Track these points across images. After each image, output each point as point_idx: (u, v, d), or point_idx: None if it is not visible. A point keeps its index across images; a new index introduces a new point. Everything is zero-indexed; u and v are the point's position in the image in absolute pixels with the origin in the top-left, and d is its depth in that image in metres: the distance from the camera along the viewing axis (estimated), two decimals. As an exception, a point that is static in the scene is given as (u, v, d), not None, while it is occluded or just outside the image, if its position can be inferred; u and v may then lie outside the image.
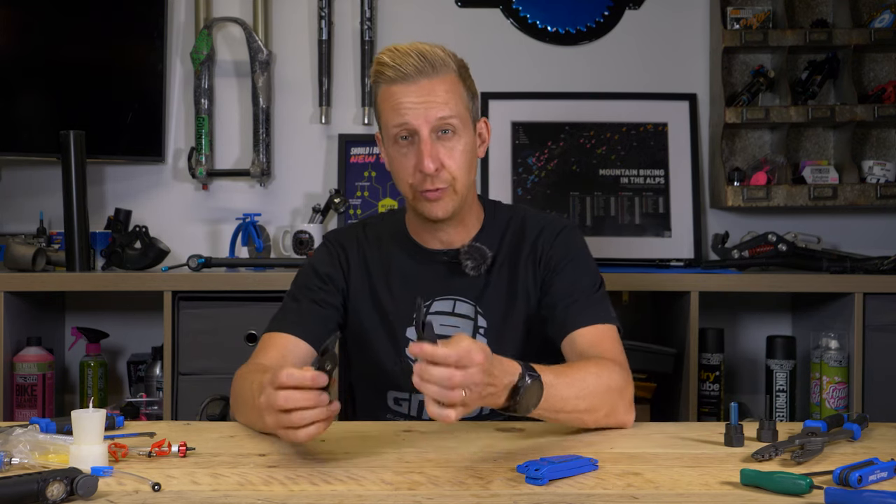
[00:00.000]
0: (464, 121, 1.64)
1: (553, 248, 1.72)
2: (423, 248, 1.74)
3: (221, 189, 3.02)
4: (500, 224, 1.76)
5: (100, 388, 2.76)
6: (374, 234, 1.78)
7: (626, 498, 1.13)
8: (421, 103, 1.59)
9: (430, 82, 1.60)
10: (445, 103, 1.60)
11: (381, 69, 1.61)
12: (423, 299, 1.67)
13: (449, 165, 1.62)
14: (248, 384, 1.49)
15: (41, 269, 2.61)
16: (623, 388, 1.51)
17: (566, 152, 2.98)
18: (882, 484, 1.16)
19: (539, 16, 3.04)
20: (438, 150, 1.61)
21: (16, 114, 2.82)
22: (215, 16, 2.99)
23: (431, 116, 1.59)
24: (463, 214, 1.71)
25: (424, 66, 1.59)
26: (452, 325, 1.69)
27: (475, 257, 1.70)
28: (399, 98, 1.60)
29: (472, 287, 1.71)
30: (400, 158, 1.64)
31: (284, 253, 2.85)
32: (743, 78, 3.01)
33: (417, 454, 1.32)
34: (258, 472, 1.24)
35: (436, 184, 1.62)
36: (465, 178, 1.65)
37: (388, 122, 1.63)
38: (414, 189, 1.64)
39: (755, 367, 2.89)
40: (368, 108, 2.97)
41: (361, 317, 1.74)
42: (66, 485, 1.09)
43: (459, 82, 1.64)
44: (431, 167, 1.59)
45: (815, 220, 2.98)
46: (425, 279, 1.72)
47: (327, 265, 1.75)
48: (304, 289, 1.73)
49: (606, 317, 1.65)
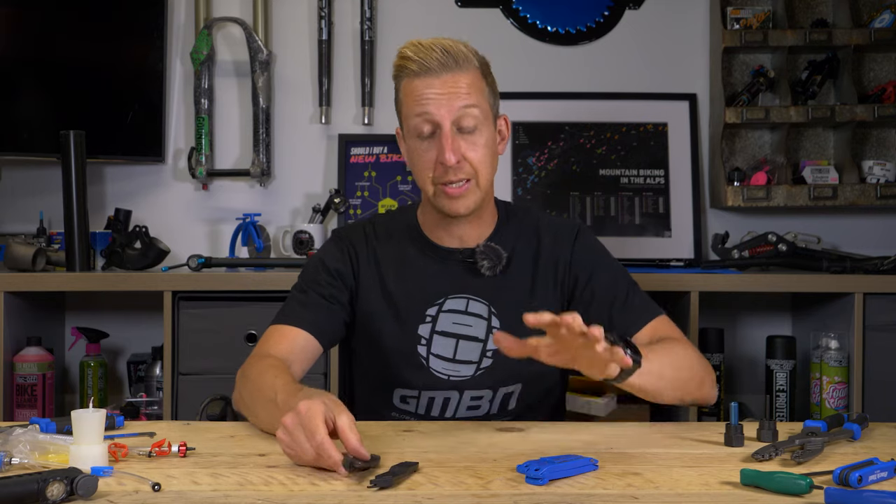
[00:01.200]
0: (486, 115, 1.63)
1: (575, 252, 1.74)
2: (437, 246, 1.73)
3: (221, 189, 3.02)
4: (513, 224, 1.76)
5: (100, 388, 2.76)
6: (385, 230, 1.76)
7: (626, 498, 1.13)
8: (444, 95, 1.59)
9: (452, 76, 1.60)
10: (468, 94, 1.60)
11: (404, 63, 1.61)
12: (436, 297, 1.70)
13: (471, 158, 1.61)
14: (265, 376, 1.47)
15: (41, 269, 2.61)
16: (703, 361, 1.63)
17: (566, 152, 2.98)
18: (882, 484, 1.16)
19: (539, 16, 3.04)
20: (460, 144, 1.60)
21: (16, 114, 2.82)
22: (215, 16, 2.99)
23: (454, 107, 1.59)
24: (481, 211, 1.70)
25: (448, 59, 1.59)
26: (465, 324, 1.69)
27: (491, 257, 1.69)
28: (421, 90, 1.60)
29: (486, 287, 1.70)
30: (420, 153, 1.63)
31: (284, 253, 2.85)
32: (743, 78, 3.01)
33: (417, 454, 1.32)
34: (258, 472, 1.24)
35: (458, 175, 1.61)
36: (487, 173, 1.65)
37: (410, 112, 1.62)
38: (435, 183, 1.63)
39: (755, 367, 2.89)
40: (368, 108, 2.97)
41: (372, 312, 1.71)
42: (66, 485, 1.09)
43: (482, 78, 1.64)
44: (453, 159, 1.59)
45: (815, 220, 2.98)
46: (438, 276, 1.71)
47: (337, 260, 1.73)
48: (312, 282, 1.71)
49: (655, 309, 1.71)
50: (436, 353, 1.68)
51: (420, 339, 1.69)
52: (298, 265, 2.60)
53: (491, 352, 1.68)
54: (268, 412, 1.42)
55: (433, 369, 1.68)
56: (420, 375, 1.69)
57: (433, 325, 1.69)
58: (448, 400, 1.68)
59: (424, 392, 1.69)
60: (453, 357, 1.68)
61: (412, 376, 1.69)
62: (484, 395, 1.69)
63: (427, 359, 1.68)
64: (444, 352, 1.68)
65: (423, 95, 1.60)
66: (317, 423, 1.21)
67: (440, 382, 1.68)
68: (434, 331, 1.69)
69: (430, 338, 1.68)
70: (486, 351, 1.68)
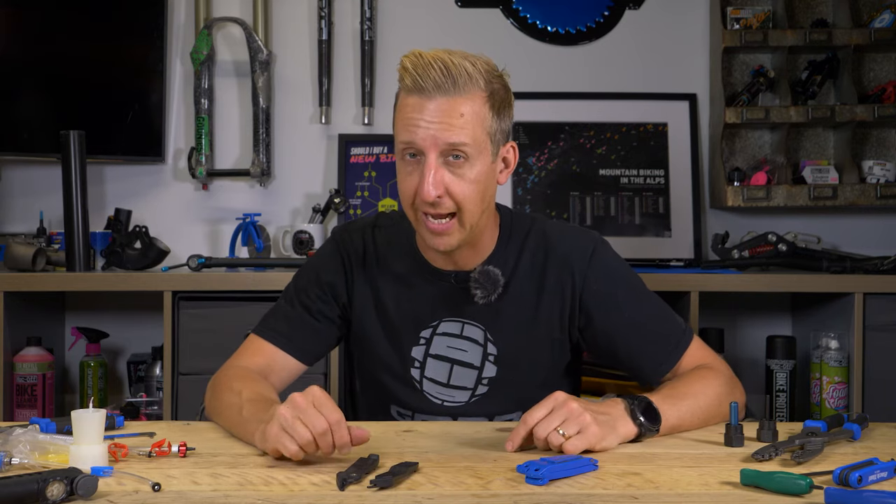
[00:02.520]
0: (481, 147, 1.47)
1: (588, 281, 1.59)
2: (432, 267, 1.61)
3: (221, 189, 3.02)
4: (516, 242, 1.62)
5: (100, 388, 2.76)
6: (385, 237, 1.66)
7: (626, 498, 1.13)
8: (433, 123, 1.44)
9: (448, 101, 1.44)
10: (461, 128, 1.44)
11: (401, 73, 1.47)
12: (430, 318, 1.61)
13: (455, 193, 1.46)
14: (230, 394, 1.47)
15: (41, 269, 2.61)
16: (731, 390, 1.55)
17: (566, 152, 2.98)
18: (882, 484, 1.16)
19: (539, 16, 3.04)
20: (443, 176, 1.46)
21: (16, 114, 2.83)
22: (215, 16, 2.99)
23: (441, 140, 1.44)
24: (473, 240, 1.56)
25: (445, 82, 1.43)
26: (460, 349, 1.61)
27: (486, 287, 1.56)
28: (411, 113, 1.45)
29: (484, 312, 1.59)
30: (405, 176, 1.49)
31: (284, 253, 2.85)
32: (743, 78, 3.01)
33: (417, 454, 1.32)
34: (258, 472, 1.24)
35: (438, 210, 1.47)
36: (474, 209, 1.49)
37: (398, 135, 1.49)
38: (416, 211, 1.50)
39: (755, 367, 2.89)
40: (368, 108, 2.97)
41: (366, 328, 1.64)
42: (66, 485, 1.09)
43: (485, 103, 1.47)
44: (433, 194, 1.45)
45: (815, 220, 2.98)
46: (433, 297, 1.61)
47: (331, 273, 1.64)
48: (302, 293, 1.64)
49: (685, 337, 1.61)
50: (429, 377, 1.62)
51: (413, 362, 1.62)
52: (298, 265, 2.60)
53: (487, 379, 1.60)
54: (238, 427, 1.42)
55: (427, 393, 1.62)
56: (414, 397, 1.63)
57: (427, 347, 1.61)
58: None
59: (418, 414, 1.64)
60: (447, 382, 1.61)
61: (406, 397, 1.64)
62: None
63: (420, 382, 1.62)
64: (437, 376, 1.61)
65: (411, 120, 1.45)
66: (333, 404, 1.24)
67: (434, 407, 1.62)
68: (428, 354, 1.61)
69: (423, 361, 1.61)
70: (481, 378, 1.61)
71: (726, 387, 1.54)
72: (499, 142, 1.52)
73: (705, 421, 1.49)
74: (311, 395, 1.26)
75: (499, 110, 1.51)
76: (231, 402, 1.46)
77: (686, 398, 1.47)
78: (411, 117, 1.45)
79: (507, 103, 1.54)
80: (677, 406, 1.45)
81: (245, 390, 1.46)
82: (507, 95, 1.54)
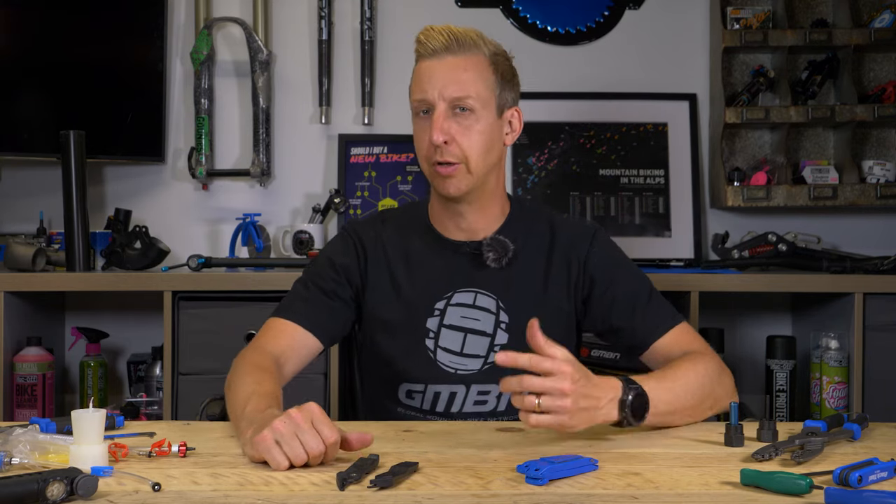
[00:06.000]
0: (485, 102, 1.63)
1: (591, 254, 1.72)
2: (445, 239, 1.72)
3: (221, 189, 3.02)
4: (525, 219, 1.74)
5: (100, 388, 2.76)
6: (394, 224, 1.76)
7: (626, 498, 1.13)
8: (441, 76, 1.61)
9: (455, 59, 1.62)
10: (466, 82, 1.61)
11: (416, 46, 1.65)
12: (444, 290, 1.70)
13: (461, 142, 1.61)
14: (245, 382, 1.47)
15: (41, 269, 2.61)
16: (720, 375, 1.60)
17: (566, 152, 2.98)
18: (882, 484, 1.16)
19: (539, 16, 3.04)
20: (451, 126, 1.61)
21: (16, 114, 2.83)
22: (215, 16, 2.99)
23: (448, 93, 1.60)
24: (484, 201, 1.69)
25: (451, 43, 1.62)
26: (473, 318, 1.68)
27: (497, 249, 1.68)
28: (423, 73, 1.63)
29: (496, 281, 1.69)
30: (419, 132, 1.65)
31: (284, 253, 2.85)
32: (743, 78, 3.01)
33: (417, 454, 1.32)
34: (258, 472, 1.24)
35: (445, 157, 1.60)
36: (480, 159, 1.63)
37: (412, 95, 1.65)
38: (429, 163, 1.64)
39: (755, 367, 2.89)
40: (368, 108, 2.97)
41: (380, 306, 1.71)
42: (66, 485, 1.09)
43: (489, 66, 1.64)
44: (440, 138, 1.59)
45: (815, 220, 2.98)
46: (447, 269, 1.70)
47: (343, 255, 1.73)
48: (316, 276, 1.71)
49: (675, 316, 1.70)
50: (443, 347, 1.69)
51: (428, 333, 1.69)
52: (298, 265, 2.61)
53: (499, 346, 1.68)
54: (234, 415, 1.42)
55: (440, 362, 1.69)
56: (427, 369, 1.69)
57: (441, 318, 1.69)
58: (454, 394, 1.68)
59: (431, 386, 1.69)
60: (461, 351, 1.68)
61: (419, 370, 1.69)
62: (491, 391, 1.68)
63: (434, 352, 1.69)
64: (451, 345, 1.69)
65: (422, 78, 1.63)
66: (332, 424, 1.25)
67: (447, 376, 1.68)
68: (442, 324, 1.69)
69: (437, 331, 1.69)
70: (493, 345, 1.68)
71: (715, 373, 1.61)
72: (504, 104, 1.67)
73: (699, 402, 1.54)
74: (310, 412, 1.26)
75: (503, 76, 1.66)
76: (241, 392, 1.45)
77: (677, 380, 1.52)
78: (423, 76, 1.63)
79: (512, 75, 1.69)
80: (672, 389, 1.50)
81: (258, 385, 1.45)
82: (512, 71, 1.70)
